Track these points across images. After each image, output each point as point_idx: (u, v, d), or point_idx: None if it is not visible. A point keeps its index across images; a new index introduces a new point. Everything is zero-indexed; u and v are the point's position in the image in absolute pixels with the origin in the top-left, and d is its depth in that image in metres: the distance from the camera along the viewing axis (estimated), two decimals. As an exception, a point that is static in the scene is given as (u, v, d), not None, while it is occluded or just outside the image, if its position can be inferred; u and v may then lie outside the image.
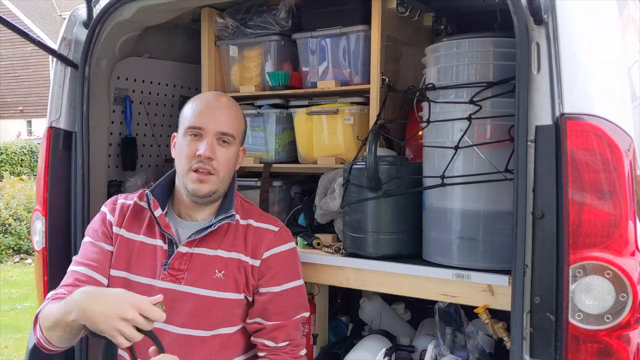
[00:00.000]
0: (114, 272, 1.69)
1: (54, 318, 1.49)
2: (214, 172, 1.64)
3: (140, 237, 1.71)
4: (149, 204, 1.69)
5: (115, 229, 1.72)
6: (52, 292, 1.64)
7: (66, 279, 1.68)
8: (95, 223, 1.76)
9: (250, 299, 1.71)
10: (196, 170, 1.63)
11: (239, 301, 1.69)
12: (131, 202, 1.76)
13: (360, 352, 2.03)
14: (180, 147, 1.68)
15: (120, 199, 1.78)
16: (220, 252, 1.68)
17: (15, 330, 4.87)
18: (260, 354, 1.70)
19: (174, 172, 1.74)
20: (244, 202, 1.81)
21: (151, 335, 1.40)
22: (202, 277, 1.67)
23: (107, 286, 1.69)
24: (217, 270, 1.67)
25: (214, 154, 1.63)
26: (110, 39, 2.12)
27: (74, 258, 1.73)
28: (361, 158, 1.86)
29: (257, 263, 1.69)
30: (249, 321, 1.71)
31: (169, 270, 1.66)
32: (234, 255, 1.68)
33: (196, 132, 1.65)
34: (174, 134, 1.75)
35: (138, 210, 1.75)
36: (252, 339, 1.72)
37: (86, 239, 1.75)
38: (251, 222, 1.74)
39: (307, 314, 1.77)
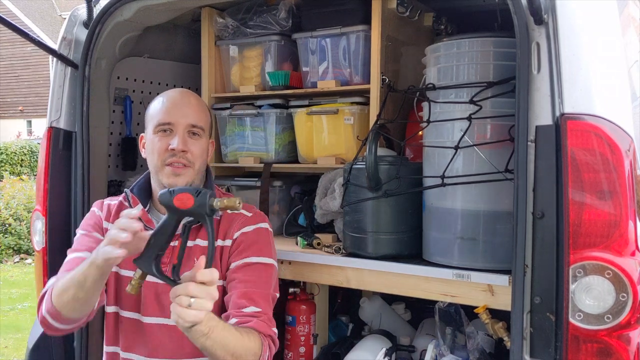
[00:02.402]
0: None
1: (71, 276, 1.49)
2: (189, 164, 1.66)
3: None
4: (128, 202, 1.72)
5: (105, 224, 1.75)
6: (54, 278, 1.63)
7: (68, 265, 1.65)
8: (86, 219, 1.78)
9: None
10: (170, 164, 1.65)
11: (219, 289, 1.66)
12: (116, 202, 1.79)
13: (360, 352, 2.03)
14: (151, 144, 1.69)
15: (106, 201, 1.81)
16: (199, 242, 1.69)
17: (15, 330, 4.87)
18: (231, 321, 1.59)
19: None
20: (223, 194, 1.82)
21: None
22: (184, 267, 1.66)
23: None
24: (195, 259, 1.65)
25: (187, 147, 1.65)
26: (110, 39, 2.12)
27: (70, 250, 1.72)
28: (361, 158, 1.86)
29: (228, 242, 1.69)
30: (225, 299, 1.66)
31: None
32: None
33: (166, 128, 1.66)
34: (142, 134, 1.76)
35: (123, 209, 1.76)
36: (224, 315, 1.63)
37: (80, 232, 1.76)
38: (227, 210, 1.74)
39: (277, 295, 1.71)
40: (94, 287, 1.48)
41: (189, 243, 1.68)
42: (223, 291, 1.69)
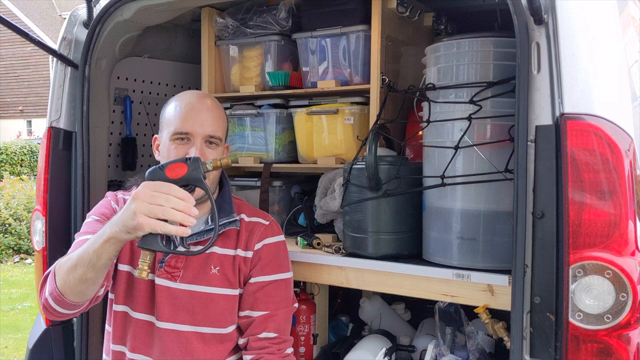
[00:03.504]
0: (120, 267, 1.70)
1: (78, 255, 1.42)
2: None
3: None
4: None
5: None
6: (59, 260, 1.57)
7: (77, 248, 1.58)
8: (100, 206, 1.73)
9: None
10: None
11: (235, 297, 1.70)
12: (129, 197, 1.75)
13: (360, 352, 2.03)
14: (167, 151, 1.65)
15: (120, 194, 1.78)
16: (216, 249, 1.70)
17: (15, 330, 4.87)
18: (247, 357, 1.68)
19: None
20: (235, 198, 1.82)
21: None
22: (199, 274, 1.68)
23: (113, 279, 1.69)
24: (212, 267, 1.68)
25: (205, 157, 1.62)
26: (110, 39, 2.12)
27: (78, 234, 1.65)
28: (361, 158, 1.86)
29: (249, 254, 1.71)
30: (240, 314, 1.71)
31: (165, 267, 1.67)
32: (228, 251, 1.70)
33: (183, 137, 1.63)
34: (155, 136, 1.74)
35: None
36: (241, 338, 1.71)
37: (92, 217, 1.69)
38: (243, 216, 1.76)
39: (296, 305, 1.79)
40: (106, 266, 1.41)
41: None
42: (239, 299, 1.71)
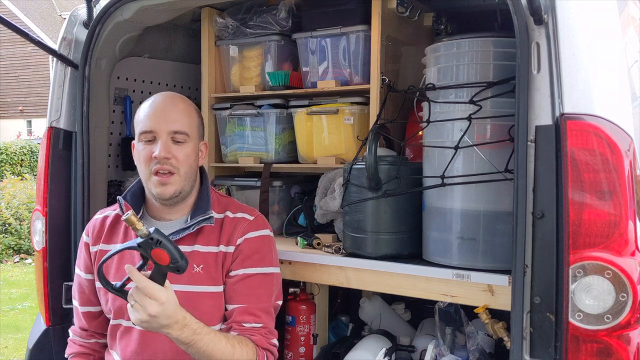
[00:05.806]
0: (98, 284, 1.70)
1: None
2: (174, 170, 1.64)
3: (119, 246, 1.70)
4: (121, 209, 1.71)
5: (92, 249, 1.75)
6: (72, 336, 1.81)
7: (75, 319, 1.81)
8: (79, 252, 1.81)
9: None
10: (156, 173, 1.63)
11: (220, 294, 1.68)
12: (111, 214, 1.78)
13: (360, 352, 2.03)
14: (137, 153, 1.68)
15: (97, 215, 1.81)
16: (198, 247, 1.68)
17: (15, 330, 4.87)
18: (233, 333, 1.64)
19: None
20: (221, 197, 1.81)
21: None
22: (183, 274, 1.66)
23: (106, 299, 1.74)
24: (195, 265, 1.66)
25: (170, 153, 1.63)
26: (110, 39, 2.12)
27: (73, 293, 1.81)
28: (361, 158, 1.86)
29: (231, 249, 1.69)
30: (228, 307, 1.69)
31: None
32: (211, 249, 1.68)
33: (149, 137, 1.64)
34: (133, 142, 1.73)
35: (116, 221, 1.76)
36: (224, 324, 1.68)
37: (77, 271, 1.79)
38: (228, 213, 1.74)
39: (279, 302, 1.75)
40: None
41: (187, 249, 1.67)
42: (223, 295, 1.70)
